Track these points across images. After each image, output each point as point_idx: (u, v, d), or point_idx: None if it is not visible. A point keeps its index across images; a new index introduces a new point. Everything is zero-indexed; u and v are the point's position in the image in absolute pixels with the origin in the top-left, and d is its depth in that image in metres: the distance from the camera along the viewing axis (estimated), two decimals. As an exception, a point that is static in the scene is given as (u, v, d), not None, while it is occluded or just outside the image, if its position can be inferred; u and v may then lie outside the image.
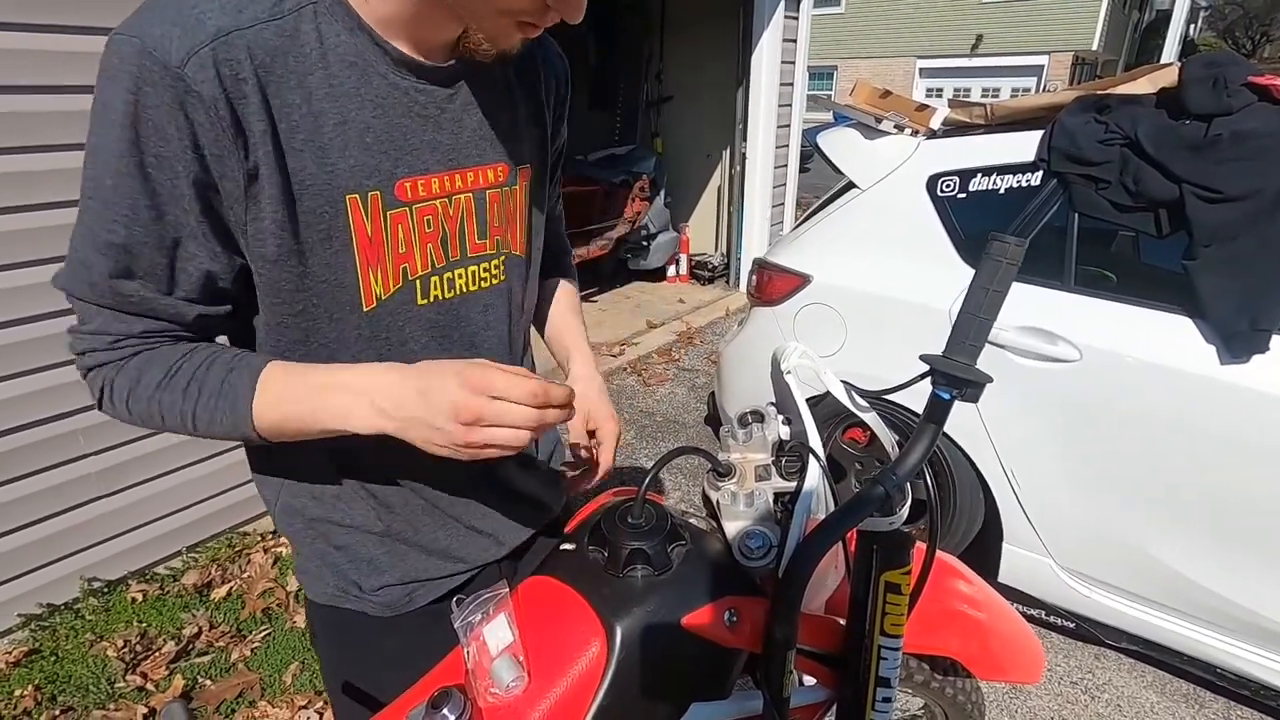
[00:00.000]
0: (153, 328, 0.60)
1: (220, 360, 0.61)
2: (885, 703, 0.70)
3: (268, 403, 0.59)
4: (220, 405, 0.59)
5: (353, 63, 0.59)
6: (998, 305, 0.65)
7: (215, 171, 0.55)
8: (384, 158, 0.62)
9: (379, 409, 0.57)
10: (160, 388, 0.59)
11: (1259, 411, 1.52)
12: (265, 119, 0.55)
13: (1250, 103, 1.53)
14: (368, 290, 0.64)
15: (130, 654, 1.88)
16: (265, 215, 0.58)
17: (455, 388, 0.55)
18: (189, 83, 0.51)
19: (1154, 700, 1.82)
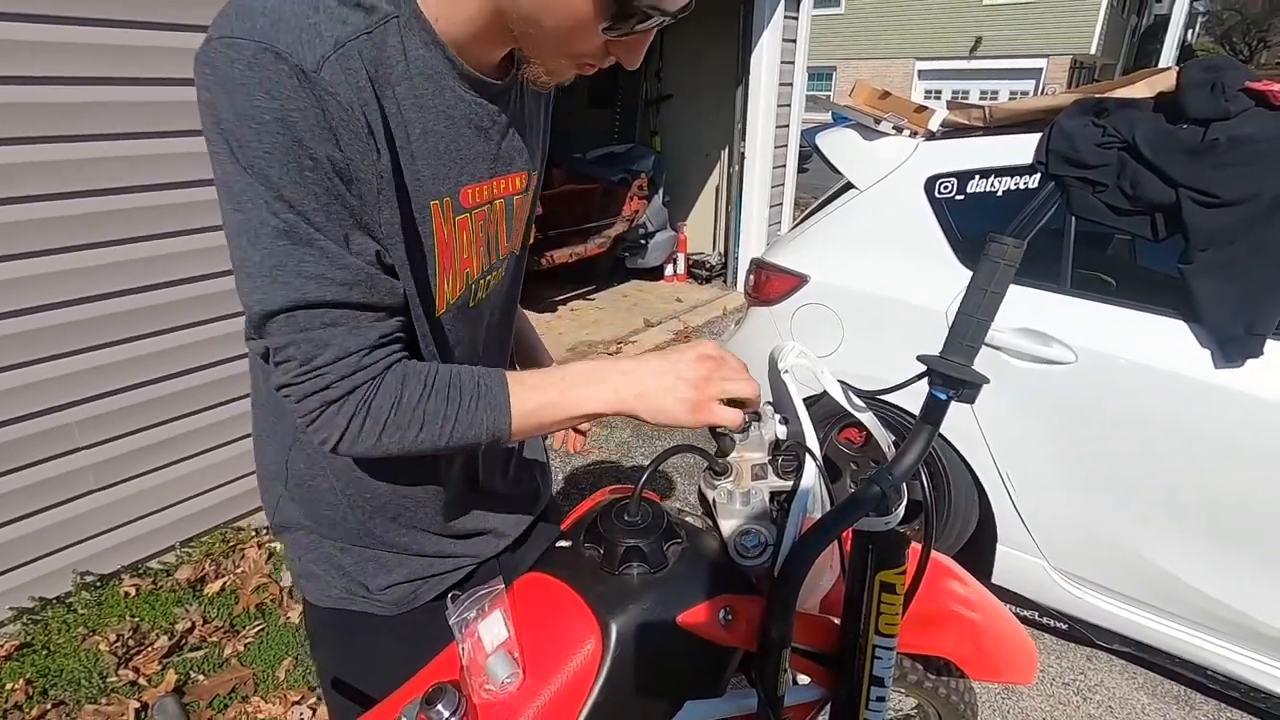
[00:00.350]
0: (387, 329, 0.60)
1: (465, 370, 0.64)
2: (879, 702, 0.70)
3: (521, 397, 0.64)
4: (481, 405, 0.63)
5: (430, 75, 0.61)
6: (995, 306, 0.65)
7: (355, 174, 0.56)
8: (452, 166, 0.64)
9: (615, 386, 0.65)
10: (424, 399, 0.61)
11: (1253, 415, 1.53)
12: (383, 124, 0.57)
13: (1248, 108, 1.53)
14: (442, 296, 0.67)
15: (122, 648, 1.88)
16: (392, 219, 0.60)
17: (693, 354, 0.67)
18: (325, 85, 0.52)
19: (1145, 702, 1.83)
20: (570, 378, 0.65)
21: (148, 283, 1.99)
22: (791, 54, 4.84)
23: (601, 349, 4.15)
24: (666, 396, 0.64)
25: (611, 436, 3.21)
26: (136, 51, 1.83)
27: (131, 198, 1.90)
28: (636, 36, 0.60)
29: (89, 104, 1.79)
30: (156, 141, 1.91)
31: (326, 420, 0.58)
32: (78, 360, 1.91)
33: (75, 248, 1.84)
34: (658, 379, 0.65)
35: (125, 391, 2.01)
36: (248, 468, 2.35)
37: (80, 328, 1.89)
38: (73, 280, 1.85)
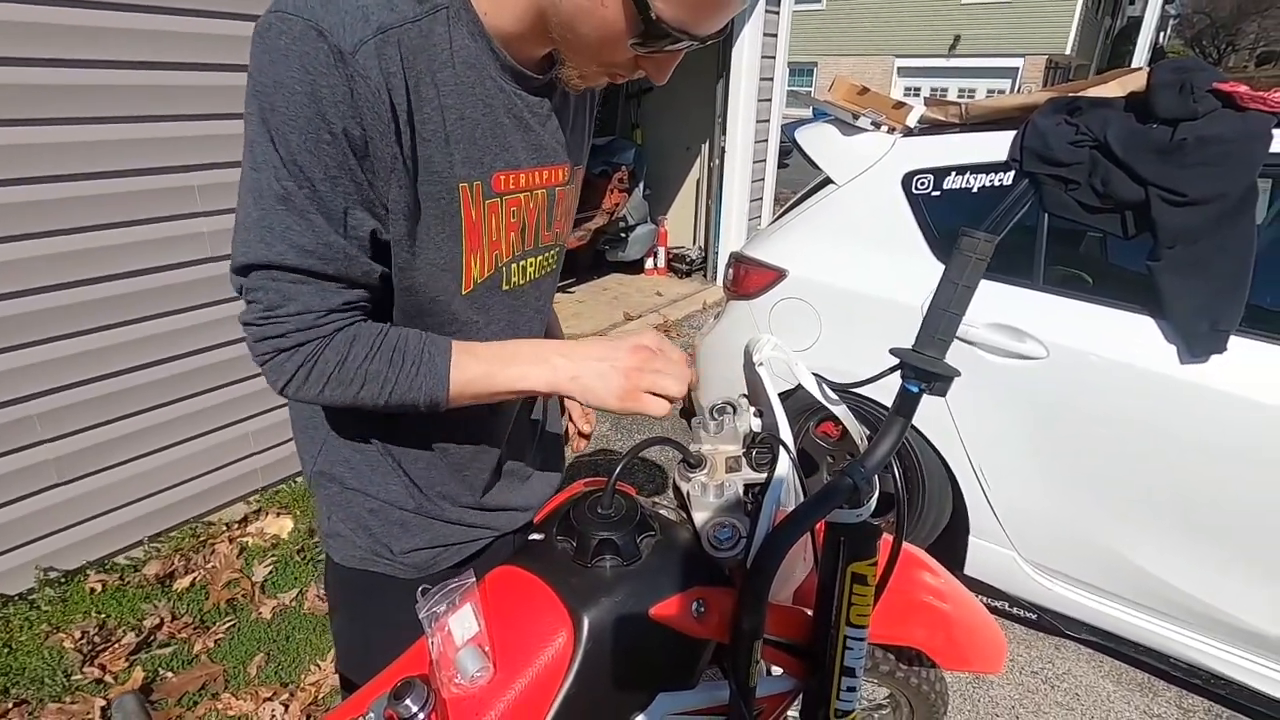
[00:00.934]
0: (351, 298, 0.65)
1: (414, 335, 0.68)
2: (850, 691, 0.71)
3: (463, 366, 0.68)
4: (422, 371, 0.67)
5: (472, 64, 0.64)
6: (967, 300, 0.66)
7: (371, 152, 0.60)
8: (486, 151, 0.67)
9: (554, 367, 0.69)
10: (368, 359, 0.65)
11: (1217, 410, 1.56)
12: (408, 111, 0.60)
13: (1215, 109, 1.56)
14: (468, 274, 0.70)
15: (88, 645, 1.84)
16: (400, 197, 0.63)
17: (631, 342, 0.70)
18: (358, 67, 0.56)
19: (1110, 689, 1.88)
20: (513, 354, 0.70)
21: (113, 271, 1.94)
22: (772, 49, 4.85)
23: (581, 342, 4.13)
24: (599, 381, 0.69)
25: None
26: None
27: (94, 184, 1.85)
28: (665, 55, 0.64)
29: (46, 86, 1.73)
30: (122, 127, 1.86)
31: (277, 365, 0.64)
32: (40, 351, 1.86)
33: (37, 234, 1.79)
34: (593, 364, 0.69)
35: (90, 383, 1.96)
36: (218, 461, 2.31)
37: (42, 317, 1.84)
38: (35, 268, 1.80)
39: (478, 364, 0.68)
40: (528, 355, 0.69)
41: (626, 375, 0.68)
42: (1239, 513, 1.58)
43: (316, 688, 1.77)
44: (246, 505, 2.43)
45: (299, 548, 2.24)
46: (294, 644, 1.91)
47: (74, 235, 1.84)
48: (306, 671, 1.82)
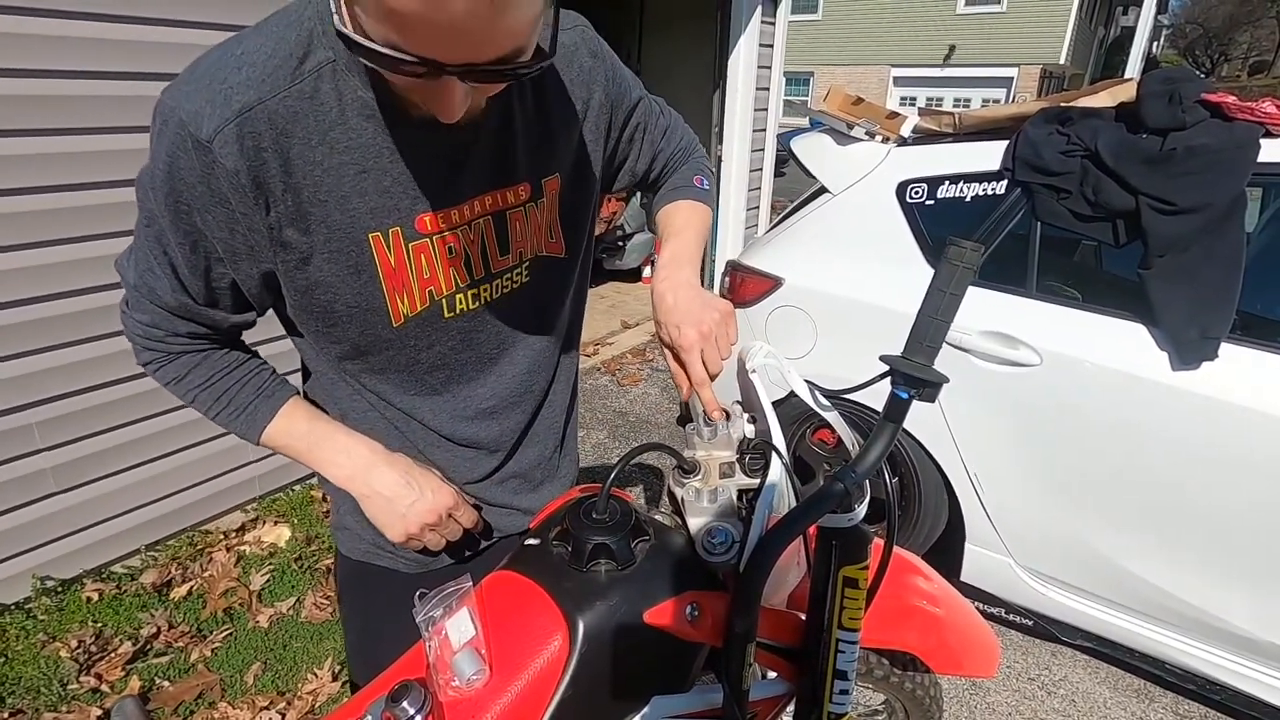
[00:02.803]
0: (196, 330, 0.72)
1: (253, 384, 0.76)
2: (843, 695, 0.72)
3: (275, 434, 0.76)
4: (239, 421, 0.75)
5: (370, 115, 0.63)
6: (955, 308, 0.67)
7: (243, 224, 0.64)
8: (402, 198, 0.67)
9: (352, 476, 0.76)
10: (200, 389, 0.74)
11: (1208, 417, 1.58)
12: (284, 180, 0.63)
13: (1203, 119, 1.58)
14: (395, 311, 0.72)
15: (84, 655, 1.83)
16: (292, 255, 0.66)
17: (430, 492, 0.78)
18: (215, 155, 0.59)
19: (1107, 695, 1.88)
20: (330, 444, 0.77)
21: (111, 281, 1.94)
22: (768, 59, 4.88)
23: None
24: (382, 516, 0.77)
25: (588, 438, 3.21)
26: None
27: (92, 194, 1.86)
28: (424, 83, 0.53)
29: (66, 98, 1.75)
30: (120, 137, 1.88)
31: (135, 351, 0.75)
32: (38, 359, 1.86)
33: (37, 244, 1.80)
34: (386, 501, 0.76)
35: (88, 392, 1.97)
36: (215, 470, 2.31)
37: (41, 326, 1.85)
38: (33, 277, 1.81)
39: (290, 436, 0.76)
40: (341, 449, 0.77)
41: (407, 530, 0.76)
42: (1230, 518, 1.59)
43: (314, 696, 1.77)
44: (244, 514, 2.43)
45: (296, 556, 2.24)
46: (291, 652, 1.91)
47: (72, 245, 1.85)
48: (304, 680, 1.82)
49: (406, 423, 0.83)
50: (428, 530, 0.77)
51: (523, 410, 0.89)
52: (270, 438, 0.76)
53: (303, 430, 0.76)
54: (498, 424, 0.87)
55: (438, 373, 0.80)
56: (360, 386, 0.81)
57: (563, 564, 0.70)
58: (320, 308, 0.71)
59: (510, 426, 0.88)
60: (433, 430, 0.84)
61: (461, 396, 0.83)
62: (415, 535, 0.77)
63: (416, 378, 0.80)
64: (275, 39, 0.61)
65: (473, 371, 0.82)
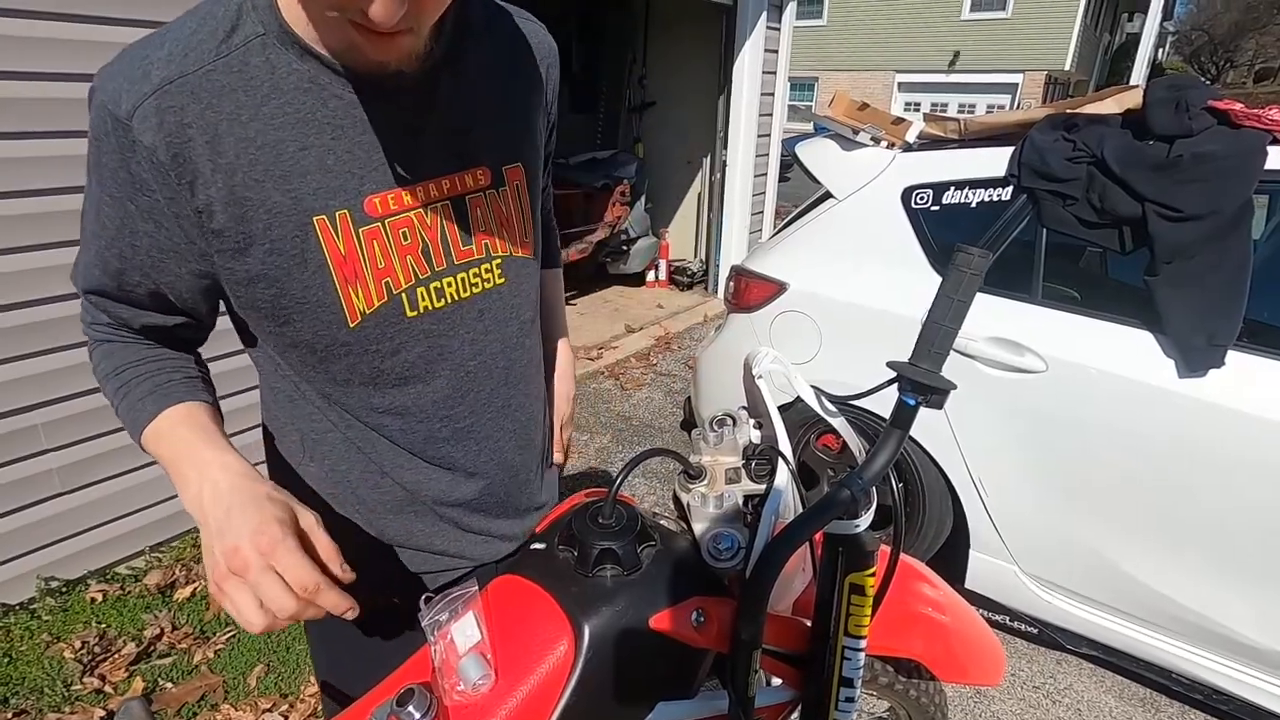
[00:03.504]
0: (109, 321, 0.69)
1: (151, 381, 0.67)
2: (848, 702, 0.72)
3: (152, 435, 0.65)
4: (129, 416, 0.67)
5: (307, 88, 0.60)
6: (962, 314, 0.67)
7: (169, 210, 0.60)
8: (348, 178, 0.62)
9: (199, 498, 0.58)
10: (106, 378, 0.69)
11: (1215, 424, 1.57)
12: (213, 158, 0.58)
13: (1210, 125, 1.58)
14: (350, 307, 0.65)
15: (88, 655, 1.84)
16: (229, 245, 0.61)
17: (248, 532, 0.53)
18: (134, 133, 0.56)
19: (1112, 705, 1.87)
20: (189, 460, 0.61)
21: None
22: (773, 64, 4.90)
23: (582, 354, 4.15)
24: (206, 550, 0.56)
25: (591, 442, 3.20)
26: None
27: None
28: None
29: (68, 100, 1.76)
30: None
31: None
32: (45, 360, 1.87)
33: (43, 246, 1.81)
34: (210, 528, 0.56)
35: (94, 393, 1.98)
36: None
37: (47, 327, 1.85)
38: (40, 278, 1.82)
39: (163, 443, 0.63)
40: (194, 470, 0.60)
41: (224, 562, 0.54)
42: (1237, 526, 1.58)
43: (316, 699, 1.77)
44: (248, 515, 2.44)
45: (300, 558, 2.24)
46: (294, 655, 1.91)
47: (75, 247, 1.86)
48: (306, 683, 1.82)
49: (373, 443, 0.76)
50: (233, 579, 0.53)
51: (502, 430, 0.81)
52: (148, 439, 0.64)
53: (180, 435, 0.63)
54: (475, 444, 0.79)
55: (408, 387, 0.73)
56: (324, 403, 0.74)
57: (568, 569, 0.70)
58: (266, 304, 0.65)
59: (489, 448, 0.81)
60: (403, 449, 0.76)
61: (437, 416, 0.75)
62: (223, 588, 0.54)
63: (382, 391, 0.72)
64: (201, 16, 0.58)
65: (447, 387, 0.74)
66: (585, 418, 3.45)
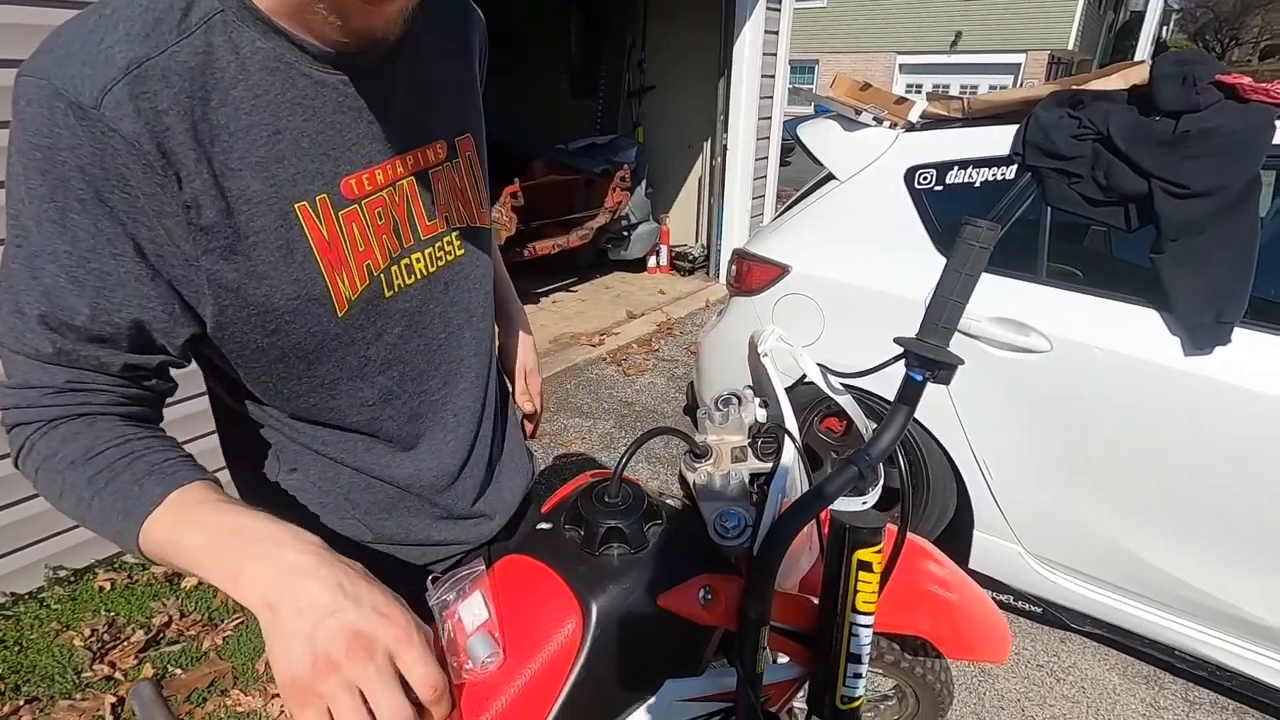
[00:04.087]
0: (76, 379, 0.55)
1: (145, 460, 0.54)
2: (855, 678, 0.71)
3: (165, 524, 0.51)
4: (117, 506, 0.51)
5: (274, 68, 0.56)
6: (970, 288, 0.66)
7: (151, 209, 0.53)
8: (324, 160, 0.60)
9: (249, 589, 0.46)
10: (73, 466, 0.53)
11: (1221, 402, 1.56)
12: (195, 147, 0.53)
13: (1217, 100, 1.56)
14: (338, 295, 0.63)
15: (98, 643, 1.85)
16: (215, 244, 0.56)
17: (375, 617, 0.46)
18: (106, 122, 0.49)
19: (1116, 682, 1.88)
20: (233, 548, 0.48)
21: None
22: (774, 46, 4.85)
23: (584, 340, 4.15)
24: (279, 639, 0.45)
25: (594, 428, 3.21)
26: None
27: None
28: None
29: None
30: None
31: (11, 438, 0.56)
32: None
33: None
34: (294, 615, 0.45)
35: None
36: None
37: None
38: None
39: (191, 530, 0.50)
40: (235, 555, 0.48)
41: (312, 650, 0.44)
42: (1242, 503, 1.58)
43: (325, 683, 1.78)
44: (253, 504, 2.45)
45: (306, 545, 2.26)
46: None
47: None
48: (314, 668, 1.84)
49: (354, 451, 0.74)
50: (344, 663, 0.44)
51: (475, 400, 0.83)
52: (157, 528, 0.50)
53: (196, 526, 0.50)
54: (453, 416, 0.80)
55: (390, 371, 0.72)
56: (298, 427, 0.71)
57: (575, 548, 0.70)
58: (257, 308, 0.60)
59: (466, 420, 0.81)
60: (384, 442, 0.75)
61: (415, 393, 0.75)
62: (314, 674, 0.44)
63: (369, 381, 0.70)
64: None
65: (423, 364, 0.75)
66: (588, 403, 3.45)
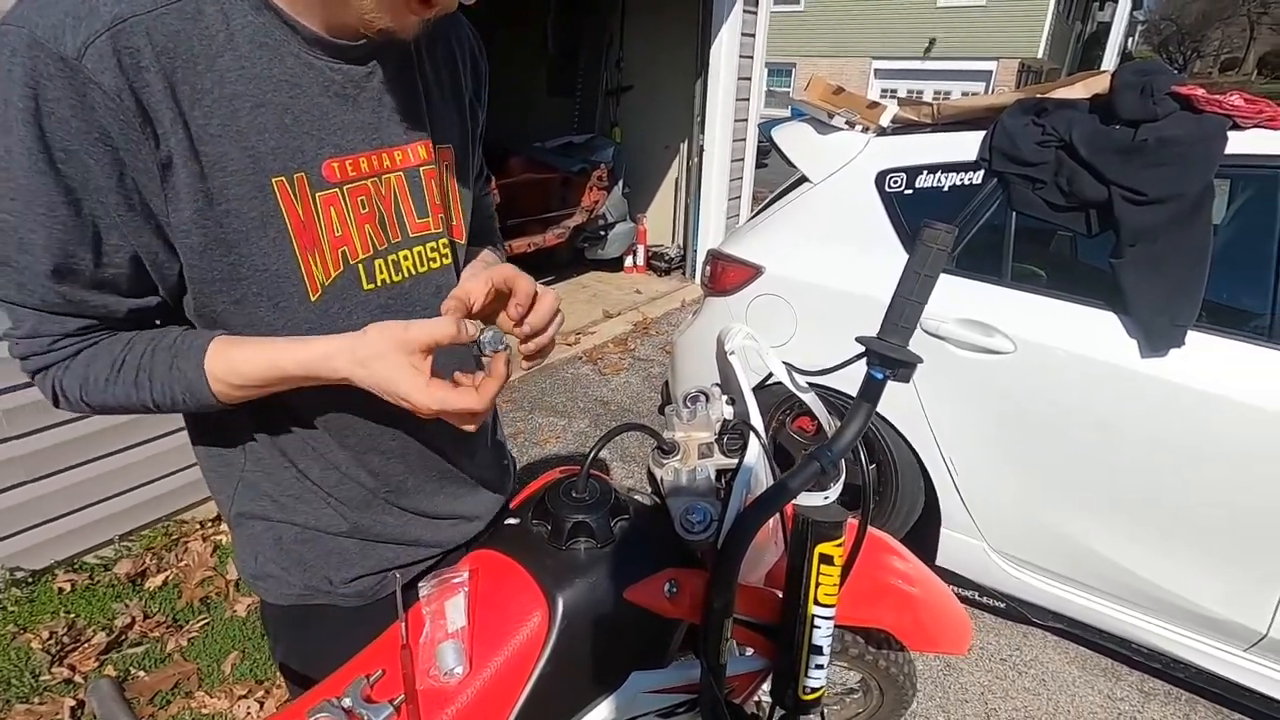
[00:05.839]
0: (86, 325, 0.59)
1: (163, 346, 0.60)
2: (818, 669, 0.73)
3: (223, 386, 0.60)
4: (177, 390, 0.60)
5: (263, 43, 0.57)
6: (929, 289, 0.68)
7: (129, 163, 0.54)
8: (306, 139, 0.60)
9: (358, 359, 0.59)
10: (110, 382, 0.60)
11: (1174, 403, 1.62)
12: (173, 107, 0.54)
13: (1174, 110, 1.61)
14: (310, 277, 0.63)
15: (57, 646, 1.81)
16: (184, 206, 0.56)
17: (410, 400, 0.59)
18: (88, 74, 0.50)
19: (1076, 674, 1.93)
20: (276, 376, 0.61)
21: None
22: (750, 48, 4.89)
23: (560, 340, 4.13)
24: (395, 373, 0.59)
25: (569, 426, 3.21)
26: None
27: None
28: None
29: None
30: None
31: (38, 384, 0.62)
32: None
33: None
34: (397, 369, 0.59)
35: (58, 379, 1.93)
36: (191, 459, 2.24)
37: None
38: None
39: (236, 389, 0.61)
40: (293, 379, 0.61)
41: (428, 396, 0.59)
42: (1195, 501, 1.64)
43: (292, 684, 1.76)
44: (220, 503, 2.40)
45: (274, 545, 2.22)
46: (269, 641, 1.89)
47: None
48: (282, 668, 1.81)
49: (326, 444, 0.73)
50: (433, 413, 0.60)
51: None
52: (223, 394, 0.61)
53: (245, 372, 0.60)
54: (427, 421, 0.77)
55: None
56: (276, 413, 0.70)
57: (542, 542, 0.71)
58: (222, 274, 0.60)
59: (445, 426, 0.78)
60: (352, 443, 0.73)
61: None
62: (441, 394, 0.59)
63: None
64: None
65: None
66: (563, 402, 3.45)
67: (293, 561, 0.75)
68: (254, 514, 0.75)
